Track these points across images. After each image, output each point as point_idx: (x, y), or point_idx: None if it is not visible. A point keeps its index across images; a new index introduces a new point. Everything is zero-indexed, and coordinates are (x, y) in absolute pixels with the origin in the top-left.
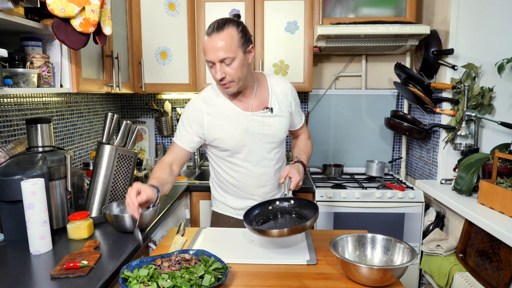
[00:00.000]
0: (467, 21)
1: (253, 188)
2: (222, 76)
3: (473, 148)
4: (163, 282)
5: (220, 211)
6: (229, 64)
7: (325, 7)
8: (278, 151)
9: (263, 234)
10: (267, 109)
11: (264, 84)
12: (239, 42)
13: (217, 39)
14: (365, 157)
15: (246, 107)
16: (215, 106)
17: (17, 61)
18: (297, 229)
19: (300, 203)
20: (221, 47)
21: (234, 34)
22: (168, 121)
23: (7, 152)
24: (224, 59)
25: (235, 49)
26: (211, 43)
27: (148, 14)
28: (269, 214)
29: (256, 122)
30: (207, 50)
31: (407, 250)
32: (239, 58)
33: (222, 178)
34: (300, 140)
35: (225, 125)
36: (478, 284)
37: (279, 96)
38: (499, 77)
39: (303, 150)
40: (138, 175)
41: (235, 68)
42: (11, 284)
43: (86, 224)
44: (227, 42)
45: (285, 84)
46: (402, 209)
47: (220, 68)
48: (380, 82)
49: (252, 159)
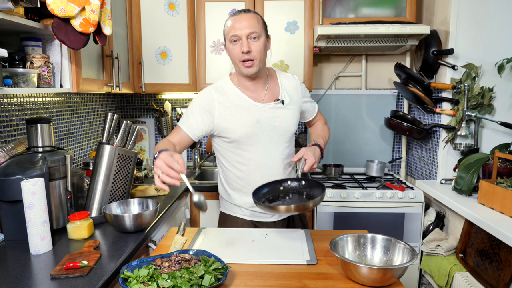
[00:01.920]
0: (467, 21)
1: (260, 183)
2: (248, 49)
3: (473, 148)
4: (163, 282)
5: (228, 212)
6: (255, 40)
7: (325, 7)
8: (287, 146)
9: (270, 210)
10: (278, 100)
11: (274, 78)
12: (263, 25)
13: (245, 17)
14: (365, 157)
15: (258, 98)
16: (227, 96)
17: (17, 61)
18: (301, 207)
19: (310, 184)
20: (249, 23)
21: (259, 18)
22: (168, 121)
23: (7, 152)
24: (251, 33)
25: (261, 28)
26: (239, 20)
27: (148, 14)
28: (279, 193)
29: (267, 113)
30: (234, 26)
31: (407, 250)
32: (263, 38)
33: (229, 172)
34: (317, 125)
35: (236, 115)
36: (478, 284)
37: (289, 90)
38: (499, 77)
39: (320, 134)
40: (138, 175)
41: (259, 46)
42: (11, 284)
43: (86, 224)
44: (254, 20)
45: (294, 80)
46: (402, 209)
47: (246, 42)
48: (380, 82)
49: (261, 151)
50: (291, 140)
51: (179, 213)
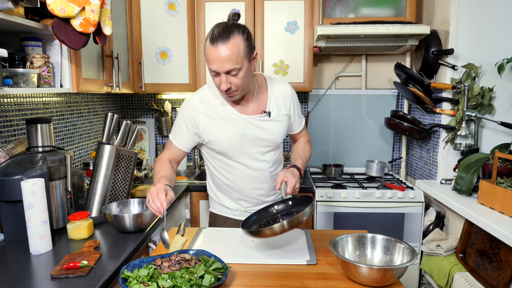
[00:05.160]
0: (467, 21)
1: (248, 190)
2: (228, 87)
3: (473, 148)
4: (163, 282)
5: (217, 212)
6: (235, 75)
7: (325, 7)
8: (273, 154)
9: (257, 235)
10: (265, 113)
11: (263, 87)
12: (245, 51)
13: (223, 49)
14: (365, 157)
15: (245, 110)
16: (212, 106)
17: (17, 61)
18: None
19: (297, 202)
20: (227, 58)
21: (241, 44)
22: (168, 121)
23: (7, 152)
24: (230, 70)
25: (242, 59)
26: (216, 53)
27: (148, 14)
28: (268, 218)
29: (253, 126)
30: (212, 59)
31: (407, 250)
32: (245, 68)
33: (217, 179)
34: (298, 144)
35: (222, 127)
36: (478, 284)
37: (278, 100)
38: (499, 77)
39: (300, 154)
40: (138, 175)
41: (240, 78)
42: (11, 284)
43: (86, 224)
44: (234, 53)
45: (285, 87)
46: (402, 209)
47: (225, 79)
48: (380, 82)
49: (247, 162)
50: (278, 148)
51: (179, 213)
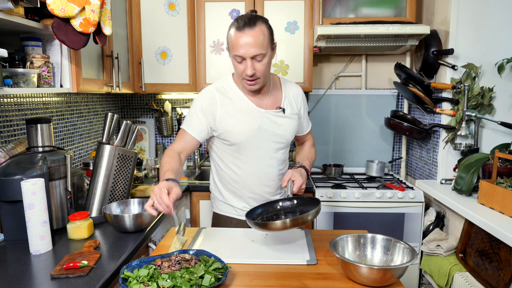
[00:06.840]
0: (467, 21)
1: (255, 187)
2: (253, 72)
3: (473, 148)
4: (163, 282)
5: (221, 212)
6: (260, 61)
7: (325, 7)
8: (283, 152)
9: (265, 228)
10: (280, 109)
11: (278, 85)
12: (269, 39)
13: (250, 35)
14: (365, 157)
15: (261, 104)
16: (230, 98)
17: (17, 61)
18: (297, 220)
19: (303, 201)
20: (254, 43)
21: (265, 31)
22: (168, 121)
23: (7, 152)
24: (256, 55)
25: (267, 45)
26: (243, 38)
27: (148, 14)
28: (272, 213)
29: (269, 120)
30: (238, 45)
31: (407, 250)
32: (268, 54)
33: (224, 174)
34: (304, 147)
35: (238, 119)
36: (478, 284)
37: (291, 98)
38: (499, 77)
39: (306, 156)
40: (138, 175)
41: (264, 64)
42: (11, 284)
43: (86, 224)
44: (260, 38)
45: (297, 88)
46: (402, 209)
47: (251, 64)
48: (380, 82)
49: (259, 156)
50: (288, 147)
51: (179, 213)
